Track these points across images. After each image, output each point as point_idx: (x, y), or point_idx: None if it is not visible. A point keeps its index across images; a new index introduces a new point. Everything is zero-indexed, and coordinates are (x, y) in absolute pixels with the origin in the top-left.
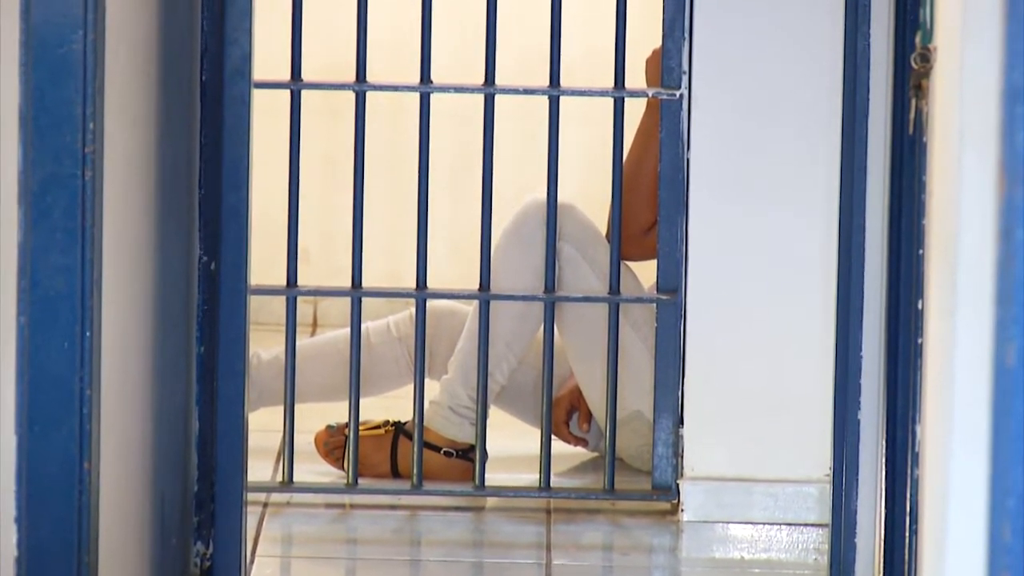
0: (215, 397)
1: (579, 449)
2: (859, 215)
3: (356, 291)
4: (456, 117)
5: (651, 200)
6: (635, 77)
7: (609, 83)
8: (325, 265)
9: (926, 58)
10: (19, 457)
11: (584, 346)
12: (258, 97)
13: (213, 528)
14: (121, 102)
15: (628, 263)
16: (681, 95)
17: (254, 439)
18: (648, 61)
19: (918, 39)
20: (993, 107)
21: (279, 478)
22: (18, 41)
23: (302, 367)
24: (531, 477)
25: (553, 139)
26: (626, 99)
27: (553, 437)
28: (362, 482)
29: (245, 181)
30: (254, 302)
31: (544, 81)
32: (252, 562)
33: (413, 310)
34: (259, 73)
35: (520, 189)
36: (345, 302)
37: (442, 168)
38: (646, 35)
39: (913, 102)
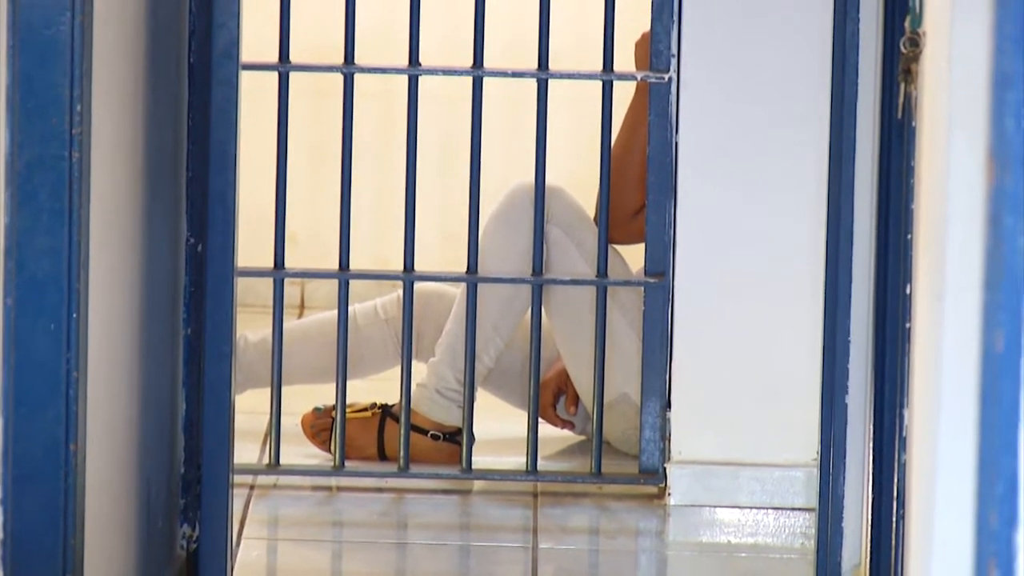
0: (201, 379)
1: (566, 432)
2: (847, 199)
3: (343, 273)
4: (444, 101)
5: (639, 184)
6: (624, 62)
7: (598, 69)
8: (312, 248)
9: (915, 43)
10: (4, 439)
11: (571, 329)
12: (246, 79)
13: (199, 510)
14: (109, 84)
15: (616, 246)
16: (670, 78)
17: (241, 421)
18: (637, 45)
19: (907, 24)
20: (982, 92)
21: (266, 460)
22: (5, 23)
23: (289, 349)
24: (518, 460)
25: (541, 122)
26: (614, 83)
27: (540, 420)
28: (349, 465)
29: (233, 163)
30: (241, 284)
31: (531, 66)
32: (238, 544)
33: (400, 292)
34: (247, 55)
35: (508, 173)
36: (332, 284)
37: (430, 152)
38: (635, 19)
39: (902, 87)
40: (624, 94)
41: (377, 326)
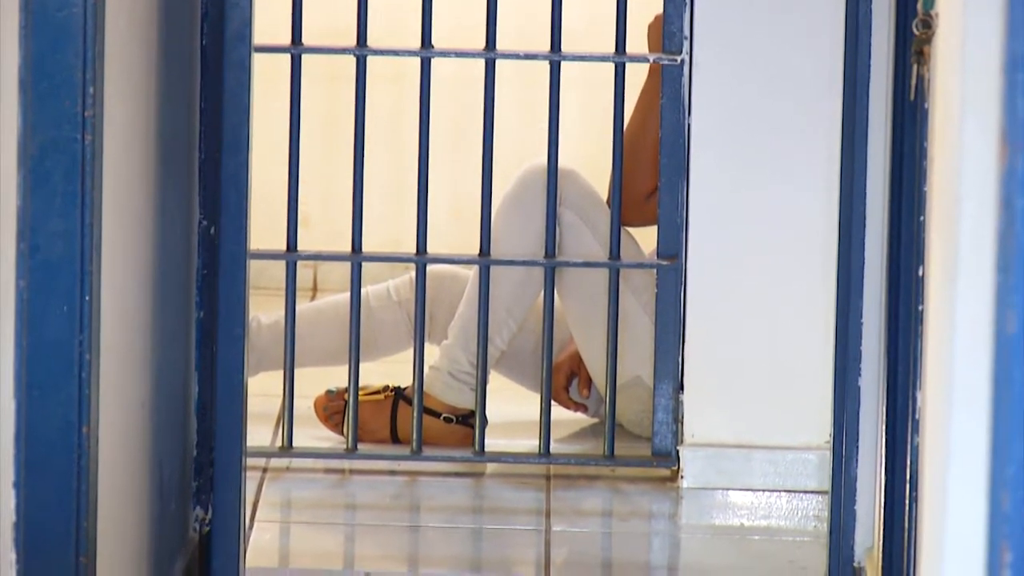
0: (214, 362)
1: (579, 415)
2: (860, 181)
3: (356, 256)
4: (457, 83)
5: (652, 166)
6: (636, 43)
7: (610, 50)
8: (325, 230)
9: (928, 24)
10: (18, 422)
11: (584, 311)
12: (258, 61)
13: (212, 493)
14: (121, 66)
15: (629, 229)
16: (682, 60)
17: (253, 404)
18: (650, 27)
19: (920, 5)
20: (995, 74)
21: (278, 443)
22: (18, 5)
23: (302, 332)
24: (531, 443)
25: (554, 105)
26: (627, 65)
27: (553, 403)
28: (361, 447)
29: (245, 146)
30: (254, 267)
31: (543, 48)
32: (251, 527)
33: (413, 275)
34: (259, 38)
35: (521, 155)
36: (345, 267)
37: (443, 134)
38: (648, 2)
39: (914, 68)
40: (637, 77)
41: (390, 308)
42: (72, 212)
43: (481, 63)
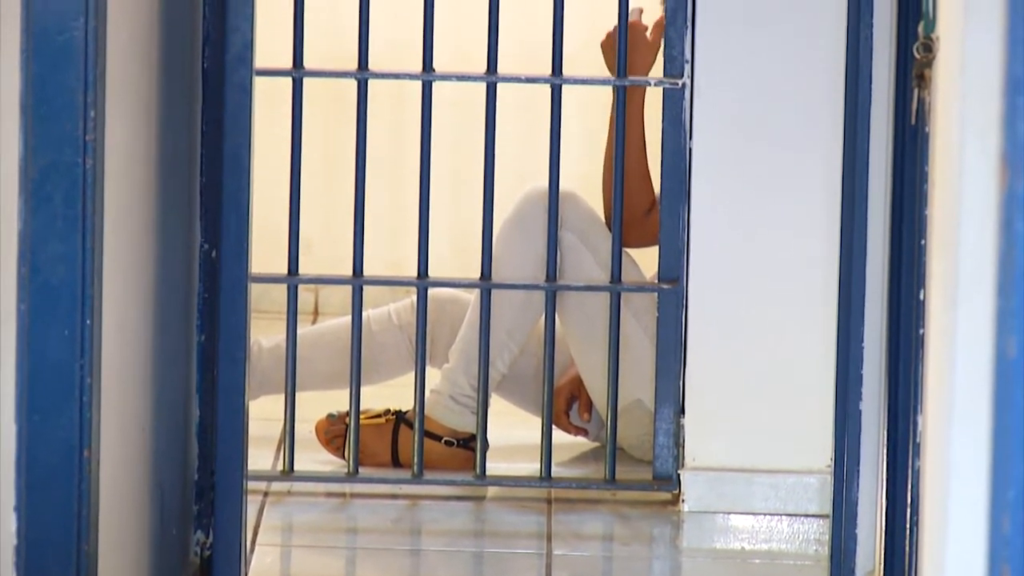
0: (215, 385)
1: (580, 438)
2: (861, 205)
3: (357, 279)
4: (457, 106)
5: (644, 181)
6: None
7: (607, 73)
8: (326, 254)
9: (928, 48)
10: (19, 445)
11: (585, 335)
12: (260, 85)
13: (213, 517)
14: (122, 90)
15: (629, 252)
16: (683, 84)
17: (254, 427)
18: (603, 44)
19: (920, 28)
20: (995, 97)
21: (280, 467)
22: (19, 28)
23: (303, 355)
24: (532, 467)
25: (555, 128)
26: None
27: (554, 427)
28: (363, 471)
29: (246, 169)
30: (255, 290)
31: (543, 71)
32: (252, 551)
33: (414, 298)
34: (261, 61)
35: (521, 178)
36: (346, 290)
37: (444, 157)
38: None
39: (915, 91)
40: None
41: (391, 332)
42: (73, 235)
43: (481, 86)
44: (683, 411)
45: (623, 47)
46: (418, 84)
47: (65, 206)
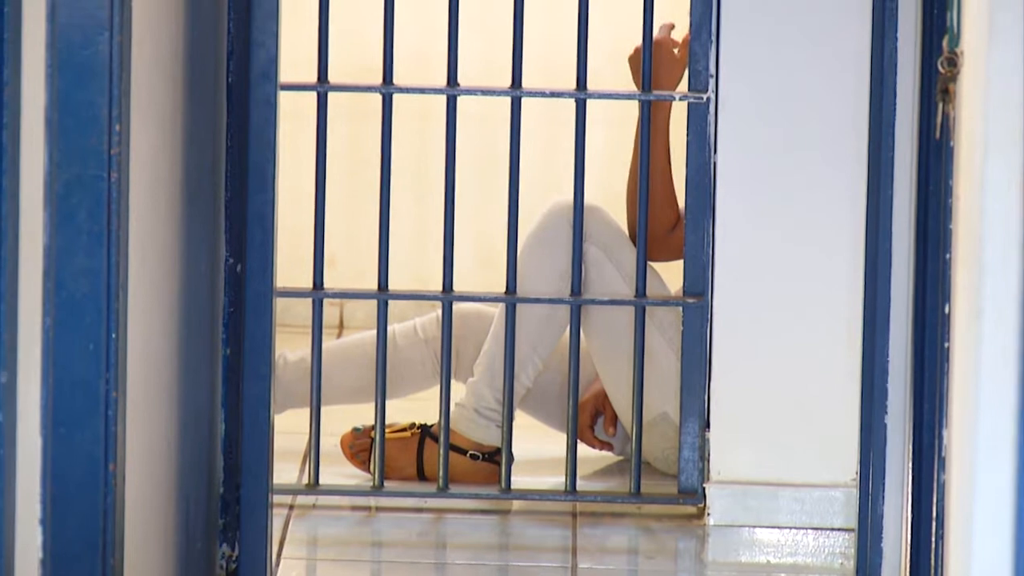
0: (241, 399)
1: (605, 452)
2: (886, 219)
3: (382, 294)
4: (481, 120)
5: (668, 198)
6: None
7: (631, 87)
8: (351, 268)
9: (953, 62)
10: (44, 459)
11: (610, 349)
12: (285, 100)
13: (238, 530)
14: (147, 104)
15: (654, 265)
16: (708, 98)
17: (280, 441)
18: (631, 59)
19: (945, 43)
20: (1019, 112)
21: (305, 480)
22: (44, 43)
23: (328, 369)
24: (557, 480)
25: (580, 142)
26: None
27: (578, 441)
28: (388, 485)
29: (271, 184)
30: (280, 304)
31: (568, 85)
32: (278, 564)
33: (439, 312)
34: (285, 76)
35: (545, 192)
36: (371, 305)
37: (468, 172)
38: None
39: (940, 106)
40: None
41: (416, 346)
42: (98, 250)
43: (506, 100)
44: (708, 425)
45: (648, 61)
46: (442, 98)
47: (90, 220)
